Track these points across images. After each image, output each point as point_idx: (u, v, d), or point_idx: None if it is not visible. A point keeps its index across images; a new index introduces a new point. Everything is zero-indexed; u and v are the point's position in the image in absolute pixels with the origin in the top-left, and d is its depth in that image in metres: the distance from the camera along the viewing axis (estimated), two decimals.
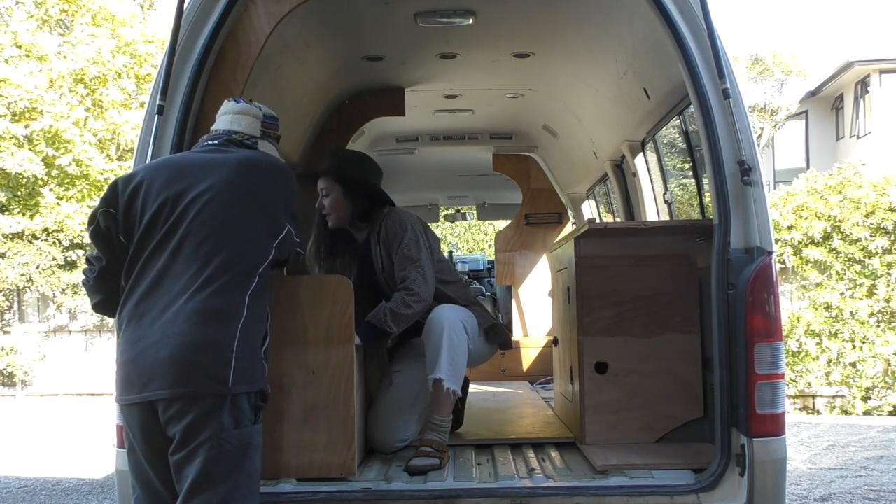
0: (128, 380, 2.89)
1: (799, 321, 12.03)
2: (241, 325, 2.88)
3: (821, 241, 12.07)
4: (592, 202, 7.88)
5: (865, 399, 11.92)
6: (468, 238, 35.30)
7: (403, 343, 4.49)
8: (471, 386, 4.91)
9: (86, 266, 3.19)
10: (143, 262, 2.98)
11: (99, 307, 3.20)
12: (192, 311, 2.84)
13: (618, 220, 6.68)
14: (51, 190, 16.66)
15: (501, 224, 10.77)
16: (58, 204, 16.38)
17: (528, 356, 7.48)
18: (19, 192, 16.75)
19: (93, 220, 3.11)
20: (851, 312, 11.94)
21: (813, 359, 11.99)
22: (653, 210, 6.03)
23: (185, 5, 3.48)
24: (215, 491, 2.78)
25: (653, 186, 6.00)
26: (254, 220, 3.04)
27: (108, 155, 17.47)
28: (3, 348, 15.97)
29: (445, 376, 4.03)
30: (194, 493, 2.78)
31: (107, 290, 3.12)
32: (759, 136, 25.12)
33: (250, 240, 3.01)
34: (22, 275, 15.84)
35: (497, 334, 4.46)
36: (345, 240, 4.47)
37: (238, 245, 2.98)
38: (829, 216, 12.05)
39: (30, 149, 16.37)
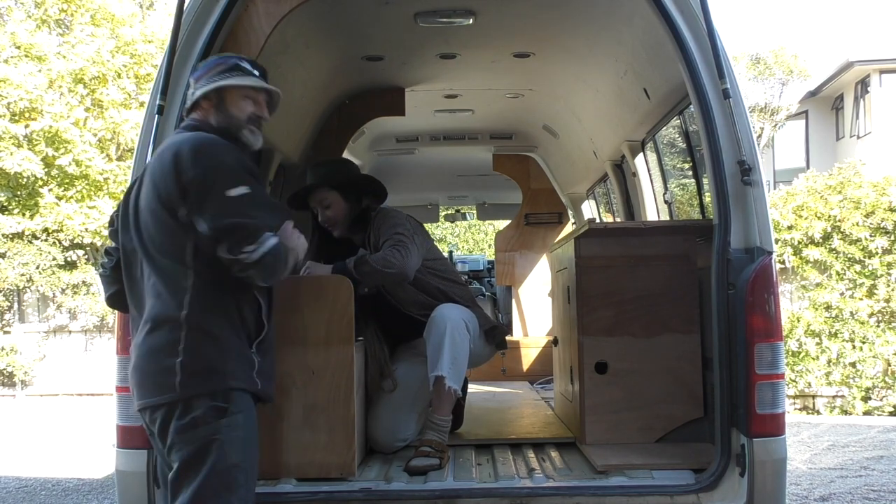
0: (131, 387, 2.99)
1: (799, 321, 12.03)
2: (185, 329, 2.80)
3: (821, 241, 12.07)
4: (592, 202, 7.88)
5: (865, 399, 11.92)
6: (468, 238, 35.30)
7: (403, 343, 4.49)
8: (471, 386, 4.91)
9: (104, 258, 3.22)
10: (125, 265, 3.03)
11: (112, 299, 3.21)
12: (145, 320, 2.88)
13: (618, 220, 6.68)
14: (50, 190, 16.66)
15: (501, 224, 10.78)
16: (57, 204, 16.38)
17: (528, 356, 7.48)
18: (19, 193, 16.75)
19: (112, 221, 3.19)
20: (851, 312, 11.94)
21: (813, 359, 11.99)
22: (653, 210, 6.03)
23: (185, 5, 3.48)
24: (185, 493, 2.80)
25: (653, 186, 6.00)
26: (163, 210, 2.86)
27: (107, 155, 17.46)
28: (3, 348, 15.97)
29: (447, 374, 4.03)
30: (173, 497, 2.84)
31: (122, 280, 3.14)
32: (759, 136, 25.11)
33: (167, 233, 2.86)
34: (22, 275, 15.84)
35: (496, 335, 4.47)
36: (344, 246, 4.45)
37: (158, 241, 2.88)
38: (829, 216, 12.05)
39: (29, 149, 16.37)
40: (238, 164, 2.88)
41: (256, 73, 3.10)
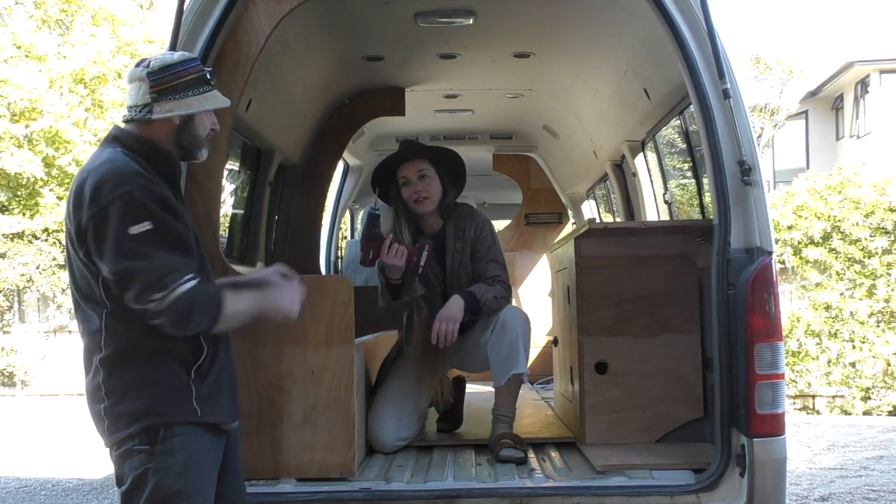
0: None
1: (799, 321, 12.03)
2: (104, 373, 2.60)
3: (821, 241, 12.07)
4: (592, 202, 7.87)
5: (865, 399, 11.92)
6: None
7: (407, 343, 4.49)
8: (471, 386, 4.91)
9: None
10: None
11: None
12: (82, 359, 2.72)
13: (618, 220, 6.68)
14: (51, 190, 16.67)
15: (501, 224, 10.78)
16: (57, 204, 16.39)
17: (529, 356, 7.46)
18: (19, 193, 16.76)
19: None
20: (851, 312, 11.94)
21: (813, 359, 11.99)
22: (653, 210, 6.03)
23: (185, 5, 3.48)
24: None
25: (653, 186, 5.99)
26: (71, 243, 2.62)
27: None
28: (3, 348, 15.97)
29: (525, 369, 4.18)
30: None
31: None
32: (759, 136, 25.09)
33: (78, 268, 2.63)
34: (22, 275, 15.85)
35: None
36: (417, 231, 4.38)
37: (75, 274, 2.66)
38: (829, 216, 12.05)
39: (30, 149, 16.37)
40: (145, 194, 2.52)
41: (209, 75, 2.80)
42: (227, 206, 5.52)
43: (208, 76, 2.77)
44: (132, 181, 2.52)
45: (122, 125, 2.76)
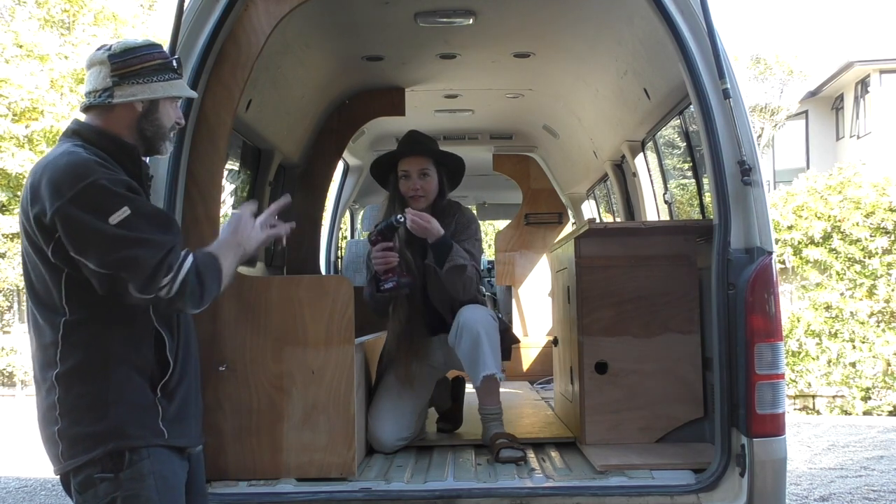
0: None
1: (799, 321, 12.03)
2: (59, 391, 2.39)
3: (821, 241, 12.07)
4: (592, 202, 7.88)
5: (865, 399, 11.92)
6: None
7: (412, 341, 4.48)
8: (471, 386, 4.91)
9: None
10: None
11: None
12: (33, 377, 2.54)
13: (618, 220, 6.68)
14: None
15: (501, 224, 10.78)
16: None
17: (528, 356, 7.47)
18: (19, 193, 16.76)
19: None
20: (851, 312, 11.93)
21: (813, 359, 11.98)
22: (653, 210, 6.03)
23: (185, 5, 3.48)
24: None
25: (653, 186, 6.00)
26: (31, 248, 2.44)
27: None
28: (3, 348, 15.97)
29: (496, 369, 4.09)
30: None
31: None
32: (760, 136, 25.09)
33: (36, 273, 2.46)
34: (22, 275, 15.85)
35: (506, 339, 4.43)
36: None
37: (29, 281, 2.50)
38: (829, 216, 12.05)
39: (30, 149, 16.38)
40: (111, 181, 2.35)
41: (175, 64, 2.63)
42: (227, 206, 5.52)
43: (175, 65, 2.60)
44: (95, 170, 2.35)
45: (82, 117, 2.57)
